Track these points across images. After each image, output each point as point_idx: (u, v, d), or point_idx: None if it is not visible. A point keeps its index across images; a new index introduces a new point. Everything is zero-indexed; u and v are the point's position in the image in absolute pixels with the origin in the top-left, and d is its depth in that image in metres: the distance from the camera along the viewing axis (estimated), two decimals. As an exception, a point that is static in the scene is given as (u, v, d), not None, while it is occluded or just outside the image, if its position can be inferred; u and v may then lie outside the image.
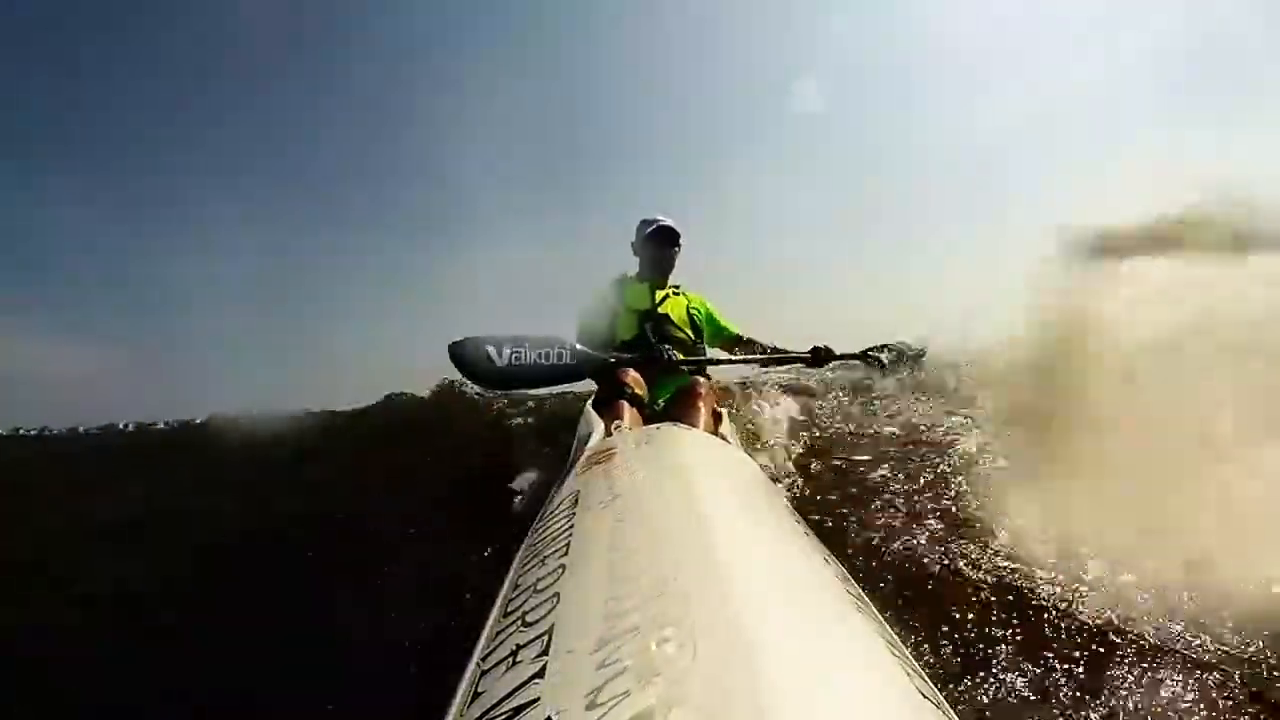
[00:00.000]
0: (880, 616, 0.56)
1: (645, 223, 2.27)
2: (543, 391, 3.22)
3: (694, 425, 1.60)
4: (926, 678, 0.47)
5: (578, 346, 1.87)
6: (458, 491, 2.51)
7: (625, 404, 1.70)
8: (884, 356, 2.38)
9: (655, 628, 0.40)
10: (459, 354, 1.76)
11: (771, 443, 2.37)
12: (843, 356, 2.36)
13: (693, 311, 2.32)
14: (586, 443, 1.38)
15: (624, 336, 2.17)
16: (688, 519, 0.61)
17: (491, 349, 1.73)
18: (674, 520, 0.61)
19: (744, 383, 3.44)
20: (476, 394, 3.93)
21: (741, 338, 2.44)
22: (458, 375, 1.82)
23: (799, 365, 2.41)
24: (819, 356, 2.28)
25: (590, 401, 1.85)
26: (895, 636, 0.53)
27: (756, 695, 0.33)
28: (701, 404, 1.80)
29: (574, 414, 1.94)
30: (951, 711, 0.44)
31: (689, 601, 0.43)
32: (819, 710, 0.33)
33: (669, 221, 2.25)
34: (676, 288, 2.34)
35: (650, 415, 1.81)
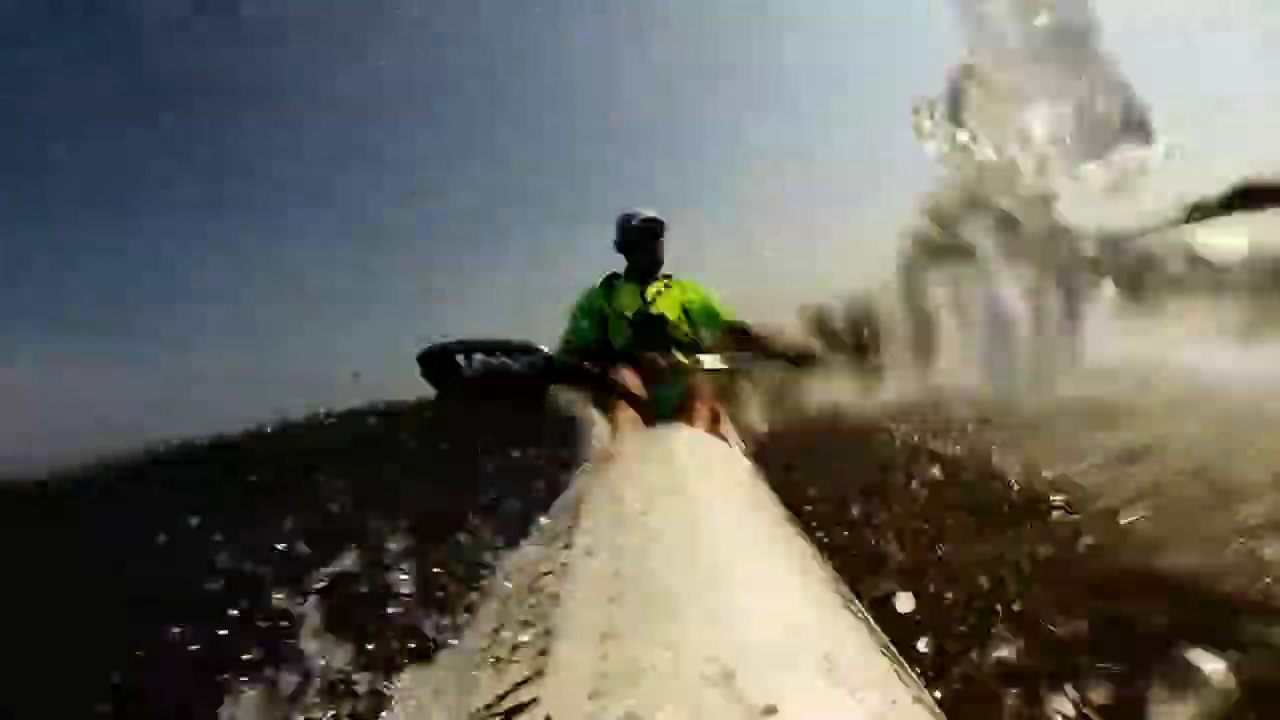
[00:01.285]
0: (870, 618, 0.57)
1: (626, 217, 2.15)
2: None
3: (693, 425, 1.62)
4: (919, 682, 0.48)
5: (557, 354, 1.70)
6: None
7: (625, 404, 1.69)
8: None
9: (651, 630, 0.41)
10: (428, 363, 1.52)
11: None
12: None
13: (687, 305, 2.20)
14: (589, 444, 1.40)
15: (618, 343, 2.08)
16: (685, 522, 0.62)
17: (460, 357, 1.51)
18: (672, 523, 0.62)
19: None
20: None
21: (744, 328, 2.19)
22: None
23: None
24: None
25: (592, 403, 1.86)
26: (887, 639, 0.53)
27: (748, 697, 0.34)
28: (701, 404, 1.80)
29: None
30: (943, 715, 0.44)
31: (684, 605, 0.44)
32: (808, 713, 0.34)
33: (650, 212, 2.14)
34: (668, 278, 2.21)
35: (650, 415, 1.81)
